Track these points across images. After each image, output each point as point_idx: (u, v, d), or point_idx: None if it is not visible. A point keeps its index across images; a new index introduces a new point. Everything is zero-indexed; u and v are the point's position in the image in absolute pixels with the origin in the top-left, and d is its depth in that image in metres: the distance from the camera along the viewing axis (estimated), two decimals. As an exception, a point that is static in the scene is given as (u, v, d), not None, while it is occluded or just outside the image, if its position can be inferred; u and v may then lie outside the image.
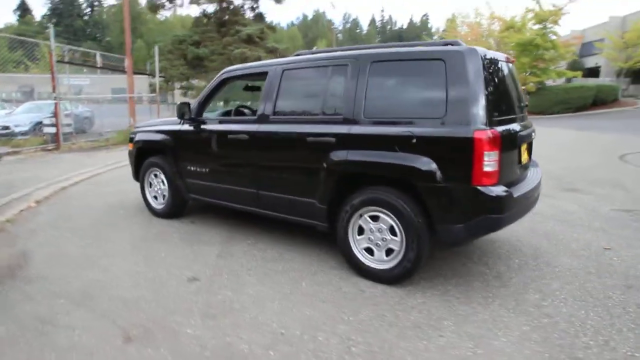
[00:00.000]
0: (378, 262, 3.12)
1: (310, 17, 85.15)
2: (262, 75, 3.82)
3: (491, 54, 2.95)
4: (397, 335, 2.48)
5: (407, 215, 2.89)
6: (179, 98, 16.47)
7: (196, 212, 4.97)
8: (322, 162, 3.22)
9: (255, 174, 3.71)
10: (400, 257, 2.99)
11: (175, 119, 4.66)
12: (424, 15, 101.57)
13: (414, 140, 2.81)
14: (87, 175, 7.46)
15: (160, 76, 13.96)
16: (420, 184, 2.80)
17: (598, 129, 14.56)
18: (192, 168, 4.25)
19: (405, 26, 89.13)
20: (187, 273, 3.34)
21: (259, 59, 15.12)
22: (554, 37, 23.45)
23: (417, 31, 76.27)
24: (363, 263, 3.18)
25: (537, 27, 23.77)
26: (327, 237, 3.95)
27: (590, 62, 33.71)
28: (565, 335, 2.49)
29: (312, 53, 3.64)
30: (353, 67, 3.16)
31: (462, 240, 2.84)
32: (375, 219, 3.09)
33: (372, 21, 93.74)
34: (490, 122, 2.68)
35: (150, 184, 4.84)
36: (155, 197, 4.83)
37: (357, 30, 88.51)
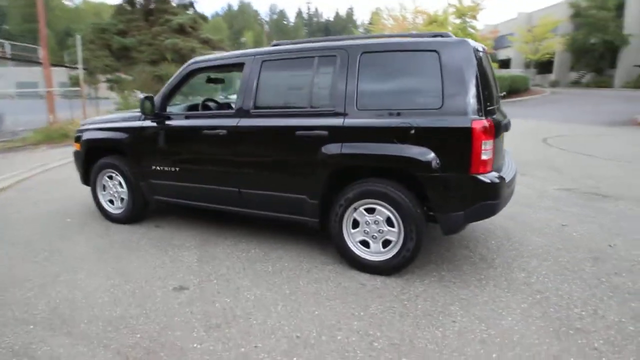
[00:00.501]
0: (375, 254, 3.12)
1: (235, 7, 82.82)
2: (237, 66, 3.59)
3: (477, 45, 3.04)
4: (413, 325, 2.50)
5: (405, 205, 2.91)
6: (104, 92, 15.16)
7: (158, 215, 4.60)
8: (313, 156, 3.12)
9: (236, 171, 3.50)
10: (398, 247, 3.01)
11: (132, 114, 4.27)
12: (349, 8, 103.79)
13: (413, 132, 2.82)
14: (12, 181, 6.57)
15: (82, 68, 12.68)
16: (420, 175, 2.83)
17: (518, 116, 15.93)
18: (158, 168, 3.91)
19: (331, 19, 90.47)
20: (171, 282, 3.07)
21: (193, 50, 14.38)
22: (473, 32, 25.18)
23: (343, 23, 77.66)
24: (359, 256, 3.15)
25: (458, 21, 25.35)
26: (311, 233, 3.87)
27: (502, 55, 36.78)
28: (559, 308, 2.68)
29: (293, 44, 3.50)
30: (342, 58, 3.08)
31: (460, 227, 2.92)
32: (370, 211, 3.07)
33: (299, 13, 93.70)
34: (485, 112, 2.77)
35: (104, 187, 4.38)
36: (111, 201, 4.38)
37: (284, 22, 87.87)
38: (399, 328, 2.47)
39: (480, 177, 2.76)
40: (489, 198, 2.81)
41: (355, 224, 3.15)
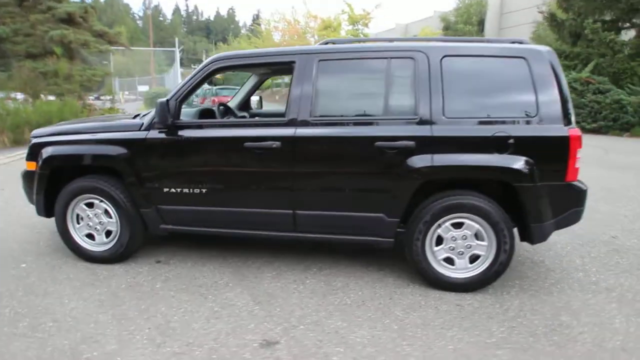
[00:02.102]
0: (461, 270, 2.93)
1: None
2: (281, 65, 3.07)
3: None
4: (552, 343, 2.38)
5: (498, 218, 2.78)
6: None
7: (149, 248, 3.69)
8: (396, 169, 2.80)
9: (290, 190, 2.96)
10: (489, 261, 2.87)
11: (125, 121, 3.40)
12: (230, 9, 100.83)
13: (512, 141, 2.70)
14: None
15: None
16: (519, 185, 2.73)
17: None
18: (173, 190, 3.11)
19: (212, 18, 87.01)
20: (249, 337, 2.44)
21: (86, 43, 12.28)
22: (365, 39, 26.73)
23: (225, 24, 75.43)
24: (443, 275, 2.93)
25: (350, 27, 26.64)
26: (353, 251, 3.52)
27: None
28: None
29: (349, 42, 3.09)
30: (421, 61, 2.82)
31: (548, 235, 2.91)
32: (457, 225, 2.88)
33: (177, 10, 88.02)
34: (571, 120, 2.80)
35: (79, 218, 3.35)
36: (90, 236, 3.37)
37: (160, 18, 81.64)
38: (543, 348, 2.33)
39: (575, 184, 2.78)
40: (579, 205, 2.85)
41: (439, 241, 2.92)
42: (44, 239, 3.94)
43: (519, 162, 2.70)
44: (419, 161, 2.76)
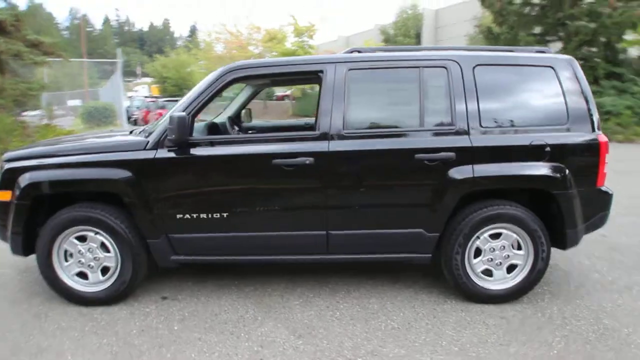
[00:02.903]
0: (500, 281, 2.87)
1: (23, 7, 67.78)
2: (308, 75, 2.85)
3: None
4: (613, 350, 2.37)
5: (536, 226, 2.77)
6: None
7: (146, 283, 3.24)
8: (436, 182, 2.69)
9: (324, 209, 2.73)
10: (527, 270, 2.84)
11: (124, 139, 3.04)
12: (165, 19, 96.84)
13: (548, 149, 2.71)
14: None
15: None
16: (556, 192, 2.73)
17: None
18: (189, 216, 2.75)
19: (146, 29, 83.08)
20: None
21: (18, 54, 11.04)
22: (312, 51, 26.92)
23: (160, 35, 72.46)
24: (483, 287, 2.86)
25: (296, 39, 26.71)
26: (369, 268, 3.35)
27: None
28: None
29: (373, 51, 2.94)
30: (454, 70, 2.75)
31: (580, 240, 2.94)
32: (495, 236, 2.83)
33: (107, 20, 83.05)
34: (597, 126, 2.87)
35: (68, 255, 2.87)
36: (82, 275, 2.90)
37: (89, 29, 76.37)
38: (603, 355, 2.32)
39: (604, 189, 2.85)
40: (606, 209, 2.92)
41: (477, 253, 2.85)
42: (14, 282, 3.35)
43: (557, 170, 2.71)
44: (461, 173, 2.68)
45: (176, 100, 18.54)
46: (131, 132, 3.34)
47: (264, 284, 3.21)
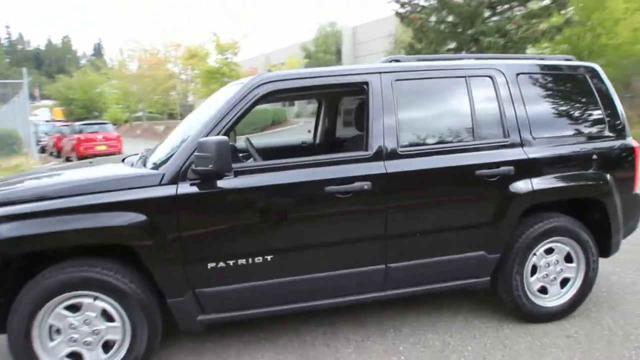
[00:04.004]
0: (555, 298, 2.75)
1: None
2: (350, 87, 2.50)
3: None
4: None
5: (587, 237, 2.70)
6: None
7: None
8: (497, 198, 2.50)
9: (383, 240, 2.38)
10: (579, 282, 2.76)
11: (129, 171, 2.44)
12: (65, 37, 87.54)
13: (595, 157, 2.66)
14: None
15: None
16: (605, 199, 2.69)
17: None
18: (224, 263, 2.22)
19: (43, 47, 74.57)
20: None
21: None
22: (235, 68, 26.29)
23: (59, 53, 65.78)
24: (541, 306, 2.71)
25: (219, 57, 25.93)
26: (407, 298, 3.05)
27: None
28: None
29: (418, 60, 2.67)
30: (499, 79, 2.60)
31: (619, 246, 2.92)
32: (549, 251, 2.70)
33: (-4, 38, 73.20)
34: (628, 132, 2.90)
35: (54, 332, 2.15)
36: (75, 356, 2.19)
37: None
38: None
39: (639, 192, 2.88)
40: (639, 214, 2.96)
41: (534, 270, 2.70)
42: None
43: (603, 178, 2.67)
44: (520, 187, 2.51)
45: (98, 124, 16.66)
46: (124, 160, 2.69)
47: (296, 331, 2.74)
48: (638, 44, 15.27)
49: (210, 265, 2.22)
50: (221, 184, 2.18)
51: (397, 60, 2.62)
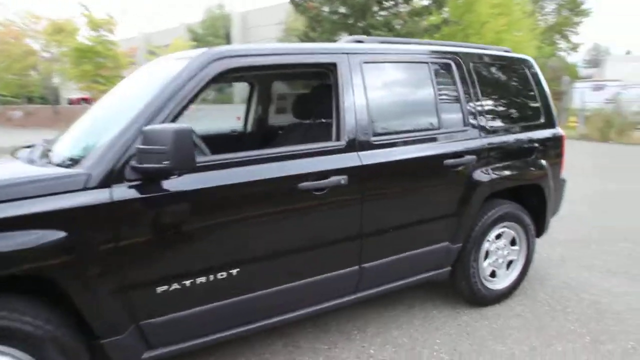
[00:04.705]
0: (502, 280, 2.87)
1: None
2: (317, 68, 2.19)
3: None
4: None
5: (529, 220, 2.86)
6: None
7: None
8: (461, 188, 2.46)
9: (357, 239, 2.15)
10: (521, 264, 2.92)
11: (16, 173, 1.71)
12: None
13: (537, 145, 2.80)
14: None
15: None
16: (543, 185, 2.86)
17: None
18: (178, 285, 1.75)
19: None
20: None
21: None
22: (112, 47, 23.37)
23: None
24: (492, 289, 2.80)
25: (93, 33, 22.77)
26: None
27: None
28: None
29: (383, 42, 2.44)
30: (457, 66, 2.55)
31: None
32: (498, 236, 2.79)
33: None
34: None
35: None
36: None
37: None
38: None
39: (563, 177, 3.14)
40: (563, 194, 3.23)
41: (485, 256, 2.76)
42: None
43: (545, 165, 2.85)
44: (483, 175, 2.52)
45: None
46: (15, 155, 2.00)
47: (253, 349, 2.39)
48: (501, 45, 17.51)
49: (161, 289, 1.75)
50: (174, 184, 1.71)
51: (360, 42, 2.40)
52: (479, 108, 2.60)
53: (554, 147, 3.00)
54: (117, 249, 1.64)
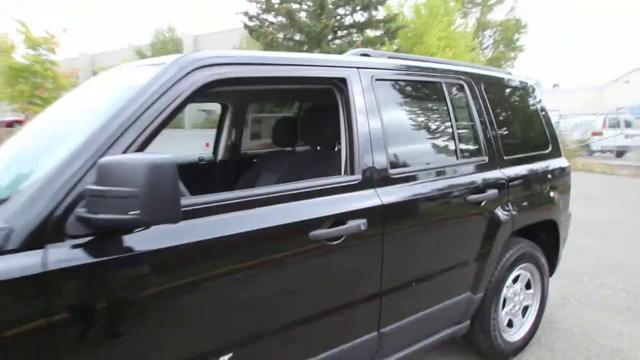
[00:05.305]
0: (518, 330, 2.52)
1: None
2: (322, 83, 1.76)
3: None
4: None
5: (544, 260, 2.57)
6: None
7: None
8: (485, 227, 2.11)
9: (378, 297, 1.71)
10: (536, 309, 2.60)
11: None
12: None
13: (549, 176, 2.55)
14: None
15: None
16: (557, 219, 2.60)
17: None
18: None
19: None
20: None
21: None
22: (52, 67, 21.79)
23: None
24: (510, 342, 2.44)
25: (31, 52, 21.13)
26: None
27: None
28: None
29: (390, 57, 2.07)
30: (470, 87, 2.24)
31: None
32: (514, 280, 2.46)
33: None
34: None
35: None
36: None
37: None
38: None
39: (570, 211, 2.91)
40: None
41: (502, 304, 2.41)
42: None
43: (556, 197, 2.59)
44: (505, 212, 2.19)
45: None
46: None
47: None
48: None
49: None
50: (141, 240, 1.19)
51: (367, 55, 2.02)
52: (495, 135, 2.29)
53: (563, 178, 2.77)
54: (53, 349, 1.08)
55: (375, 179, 1.70)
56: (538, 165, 2.52)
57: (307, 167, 2.13)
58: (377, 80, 1.84)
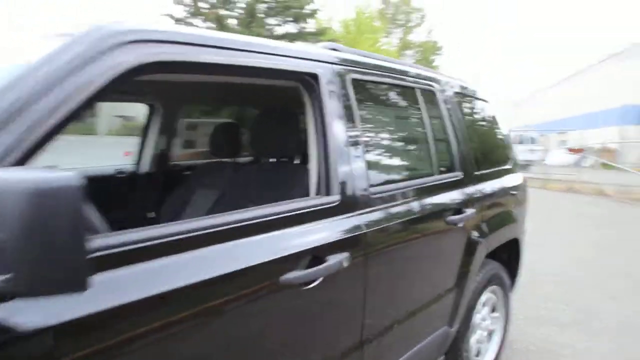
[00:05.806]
0: (483, 357, 2.34)
1: None
2: (285, 77, 1.39)
3: None
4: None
5: (509, 281, 2.44)
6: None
7: None
8: (461, 251, 1.88)
9: (359, 347, 1.36)
10: (500, 333, 2.45)
11: None
12: None
13: (513, 192, 2.42)
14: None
15: None
16: (520, 237, 2.48)
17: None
18: None
19: None
20: None
21: None
22: None
23: None
24: (479, 372, 2.25)
25: None
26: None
27: None
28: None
29: (363, 55, 1.74)
30: (440, 95, 2.03)
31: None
32: (482, 304, 2.28)
33: None
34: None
35: None
36: None
37: None
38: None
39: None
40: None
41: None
42: None
43: (517, 213, 2.48)
44: (480, 232, 1.98)
45: None
46: None
47: None
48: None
49: None
50: (19, 314, 0.72)
51: (335, 49, 1.68)
52: (466, 148, 2.10)
53: (523, 194, 2.68)
54: None
55: (357, 200, 1.37)
56: (503, 182, 2.39)
57: (256, 182, 1.76)
58: (354, 80, 1.52)
